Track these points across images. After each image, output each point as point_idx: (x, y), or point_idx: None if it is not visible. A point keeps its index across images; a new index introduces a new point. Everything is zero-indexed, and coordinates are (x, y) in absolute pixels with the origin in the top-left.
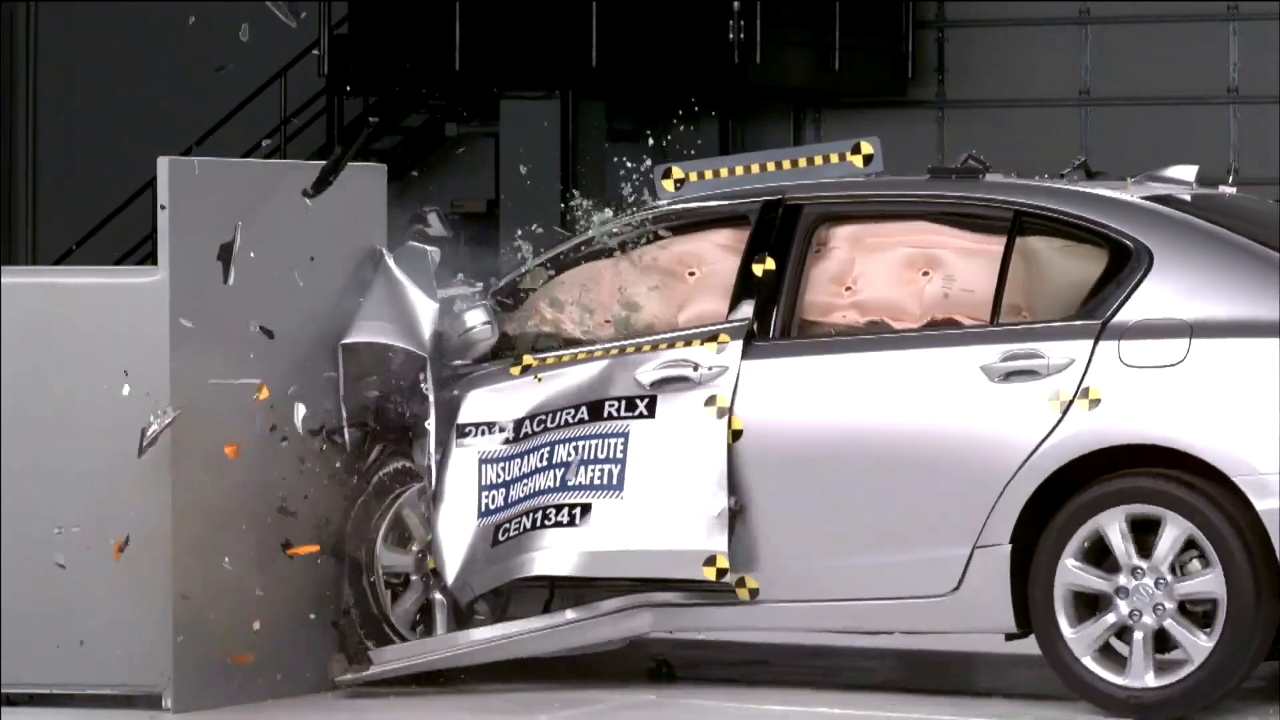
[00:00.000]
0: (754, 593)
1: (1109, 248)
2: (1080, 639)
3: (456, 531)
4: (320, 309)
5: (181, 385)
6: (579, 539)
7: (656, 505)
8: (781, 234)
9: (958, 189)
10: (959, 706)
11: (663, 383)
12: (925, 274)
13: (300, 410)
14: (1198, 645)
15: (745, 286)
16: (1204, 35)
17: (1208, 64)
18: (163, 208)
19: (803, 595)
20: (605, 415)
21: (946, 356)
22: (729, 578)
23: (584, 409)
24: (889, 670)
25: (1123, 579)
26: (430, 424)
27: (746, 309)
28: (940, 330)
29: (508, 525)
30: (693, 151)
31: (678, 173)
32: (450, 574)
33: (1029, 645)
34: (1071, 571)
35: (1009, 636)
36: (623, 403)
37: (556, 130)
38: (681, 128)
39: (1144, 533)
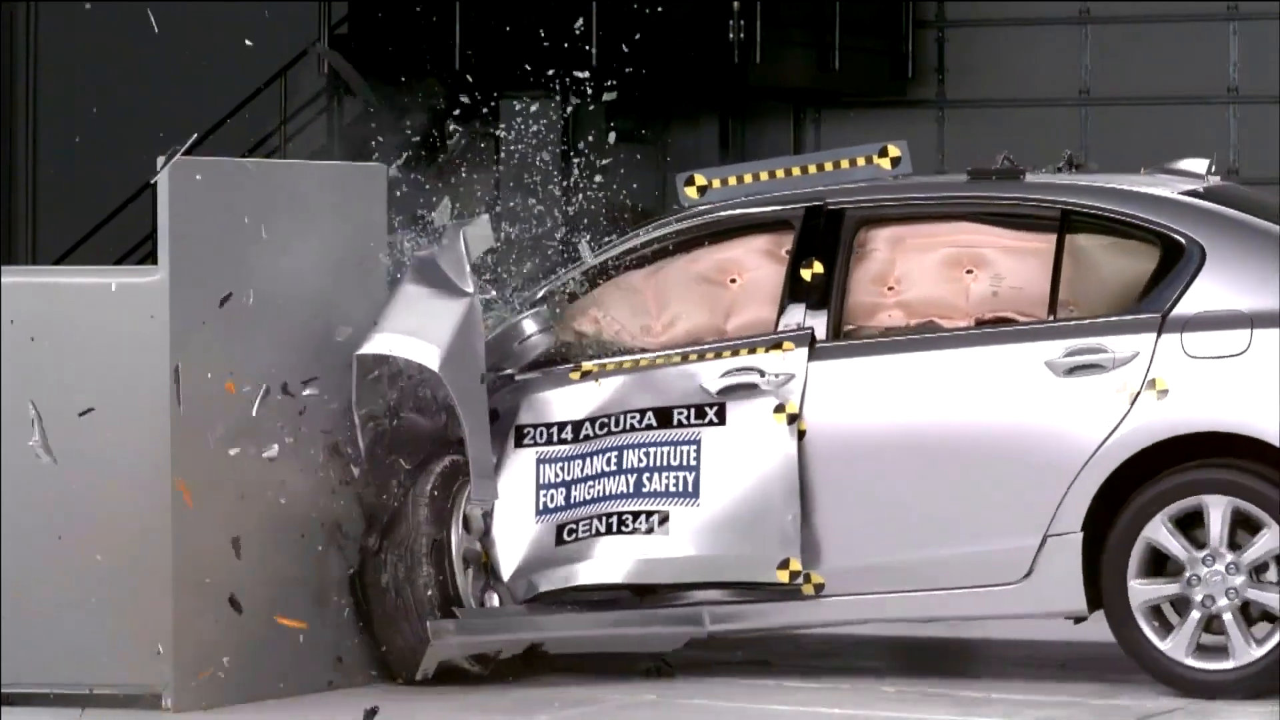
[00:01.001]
0: (819, 588)
1: (1160, 244)
2: (1146, 599)
3: (513, 529)
4: (321, 308)
5: (181, 383)
6: (658, 546)
7: (731, 512)
8: (828, 238)
9: (1001, 190)
10: (959, 706)
11: (730, 390)
12: (969, 272)
13: (263, 390)
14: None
15: (795, 291)
16: (1204, 35)
17: (1208, 64)
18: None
19: (869, 589)
20: (675, 422)
21: (1010, 353)
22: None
23: (651, 414)
24: (890, 670)
25: (1195, 569)
26: (465, 432)
27: (799, 314)
28: (995, 328)
29: (574, 526)
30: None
31: (701, 180)
32: (507, 570)
33: (1031, 643)
34: (1151, 551)
35: (1076, 620)
36: (692, 410)
37: (557, 130)
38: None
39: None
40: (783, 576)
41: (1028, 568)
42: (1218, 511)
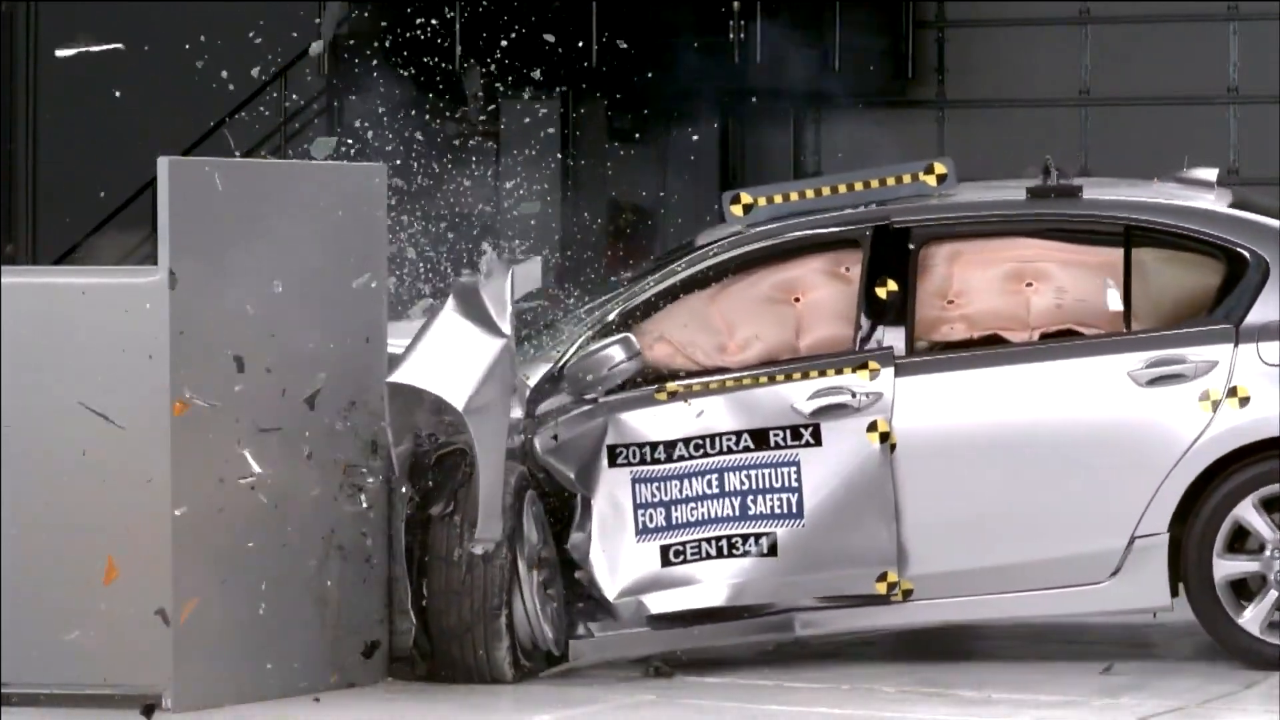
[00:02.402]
0: (907, 594)
1: (1224, 257)
2: (1251, 617)
3: (614, 548)
4: (321, 308)
5: (182, 385)
6: (768, 567)
7: (832, 530)
8: (899, 257)
9: (1063, 206)
10: (959, 706)
11: (823, 411)
12: (1029, 285)
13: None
14: None
15: (872, 309)
16: (1204, 35)
17: (1208, 64)
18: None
19: (956, 592)
20: (772, 444)
21: (1091, 365)
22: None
23: (747, 436)
24: (890, 670)
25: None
26: (479, 472)
27: (877, 331)
28: (1070, 341)
29: (680, 548)
30: (692, 158)
31: (746, 198)
32: (612, 590)
33: (1031, 644)
34: (1225, 556)
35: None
36: (788, 431)
37: (557, 130)
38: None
39: None
40: (880, 589)
41: (1115, 567)
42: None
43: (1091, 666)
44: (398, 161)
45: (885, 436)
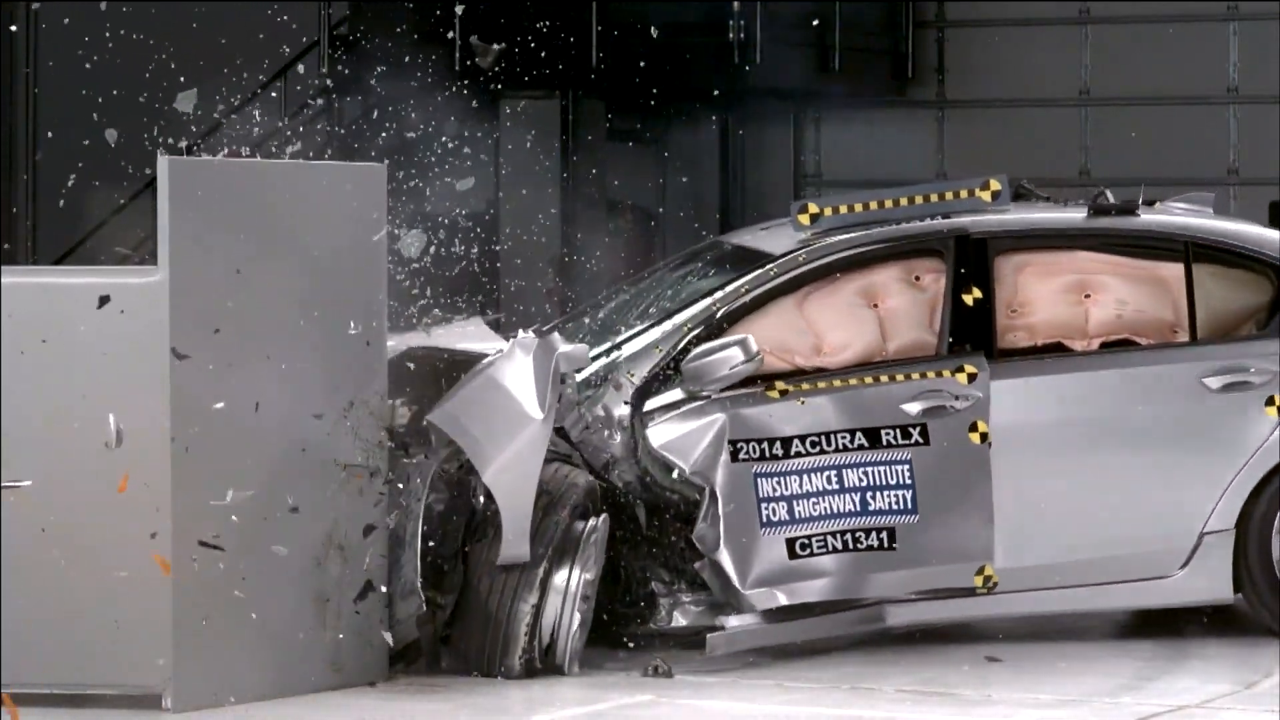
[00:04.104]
0: (994, 586)
1: (1277, 275)
2: None
3: (740, 541)
4: (321, 308)
5: (182, 384)
6: (888, 561)
7: (941, 525)
8: (979, 265)
9: (1127, 223)
10: (959, 706)
11: (929, 411)
12: (1088, 296)
13: (114, 423)
14: None
15: (958, 315)
16: (1204, 35)
17: (1208, 64)
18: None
19: (1037, 585)
20: (884, 443)
21: (1168, 372)
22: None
23: (861, 435)
24: (890, 671)
25: None
26: (504, 526)
27: (965, 336)
28: (1151, 349)
29: (805, 541)
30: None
31: (813, 208)
32: (742, 579)
33: (1029, 644)
34: None
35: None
36: (898, 431)
37: (557, 130)
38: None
39: None
40: (978, 582)
41: (1184, 560)
42: None
43: (1092, 667)
44: (400, 157)
45: (984, 436)
